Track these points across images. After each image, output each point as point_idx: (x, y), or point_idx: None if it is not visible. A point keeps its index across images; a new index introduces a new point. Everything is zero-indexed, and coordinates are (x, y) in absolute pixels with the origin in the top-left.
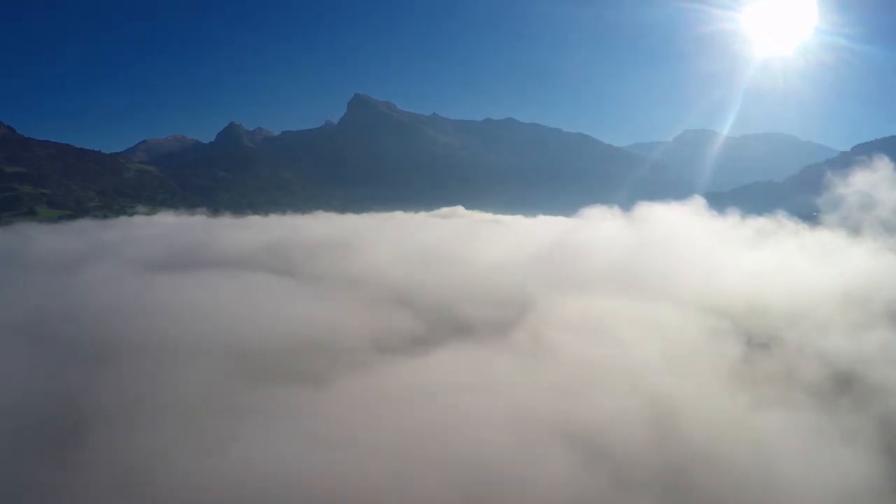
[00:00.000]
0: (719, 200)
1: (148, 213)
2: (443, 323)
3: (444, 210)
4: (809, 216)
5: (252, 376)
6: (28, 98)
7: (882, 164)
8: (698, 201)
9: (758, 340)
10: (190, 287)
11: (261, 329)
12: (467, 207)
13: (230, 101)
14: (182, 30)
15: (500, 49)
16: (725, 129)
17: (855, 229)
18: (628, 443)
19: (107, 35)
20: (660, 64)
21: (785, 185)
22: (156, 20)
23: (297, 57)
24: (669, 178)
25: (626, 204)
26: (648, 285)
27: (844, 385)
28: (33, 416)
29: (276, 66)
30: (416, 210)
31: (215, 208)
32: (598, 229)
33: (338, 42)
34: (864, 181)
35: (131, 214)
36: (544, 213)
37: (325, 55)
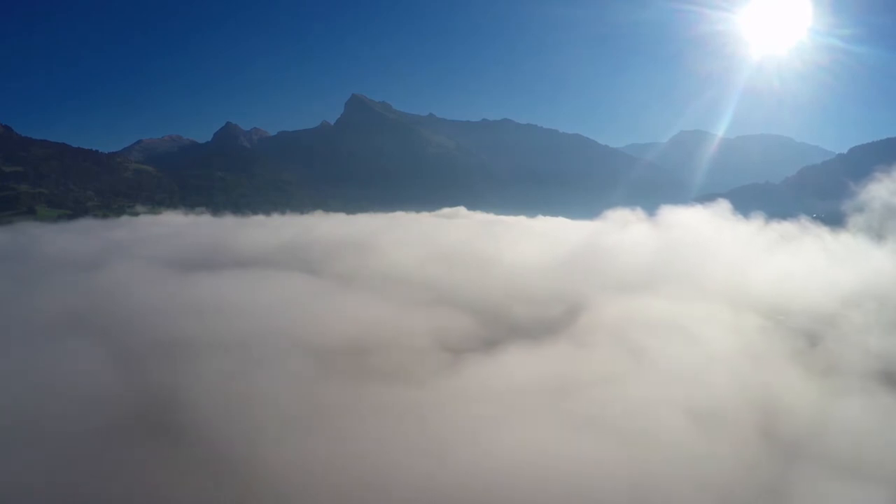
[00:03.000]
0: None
1: (147, 213)
2: (499, 323)
3: (447, 210)
4: (833, 219)
5: (346, 375)
6: (24, 97)
7: None
8: (723, 205)
9: (804, 337)
10: (232, 286)
11: (325, 328)
12: (465, 208)
13: (226, 101)
14: (177, 29)
15: (496, 50)
16: (720, 130)
17: (879, 233)
18: (753, 426)
19: (102, 34)
20: (655, 65)
21: (782, 187)
22: (151, 20)
23: (294, 57)
24: (665, 179)
25: (623, 205)
26: (688, 286)
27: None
28: (138, 416)
29: (271, 67)
30: (415, 210)
31: (214, 208)
32: (628, 232)
33: (334, 42)
34: (886, 186)
35: (135, 214)
36: (543, 214)
37: (322, 55)
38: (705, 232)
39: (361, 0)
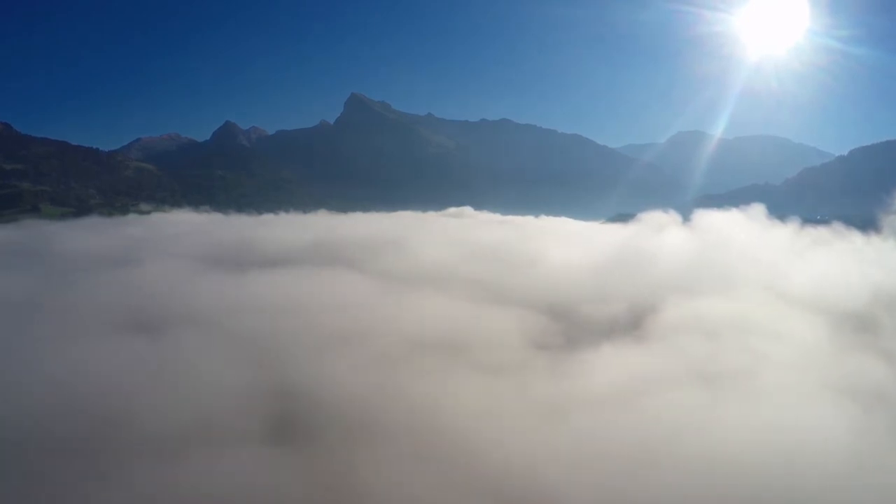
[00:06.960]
0: (715, 203)
1: (152, 212)
2: (573, 322)
3: (453, 210)
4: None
5: (471, 370)
6: (23, 95)
7: None
8: (758, 208)
9: (866, 333)
10: (291, 283)
11: (410, 325)
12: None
13: (224, 100)
14: (176, 28)
15: (495, 50)
16: (718, 130)
17: None
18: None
19: (102, 33)
20: (653, 66)
21: (782, 188)
22: (150, 19)
23: (293, 56)
24: (663, 180)
25: (622, 205)
26: (741, 288)
27: None
28: (289, 414)
29: (270, 66)
30: (415, 210)
31: (216, 207)
32: (666, 234)
33: (333, 42)
34: None
35: (142, 213)
36: (544, 214)
37: (321, 55)
38: (742, 235)
39: (361, 0)
